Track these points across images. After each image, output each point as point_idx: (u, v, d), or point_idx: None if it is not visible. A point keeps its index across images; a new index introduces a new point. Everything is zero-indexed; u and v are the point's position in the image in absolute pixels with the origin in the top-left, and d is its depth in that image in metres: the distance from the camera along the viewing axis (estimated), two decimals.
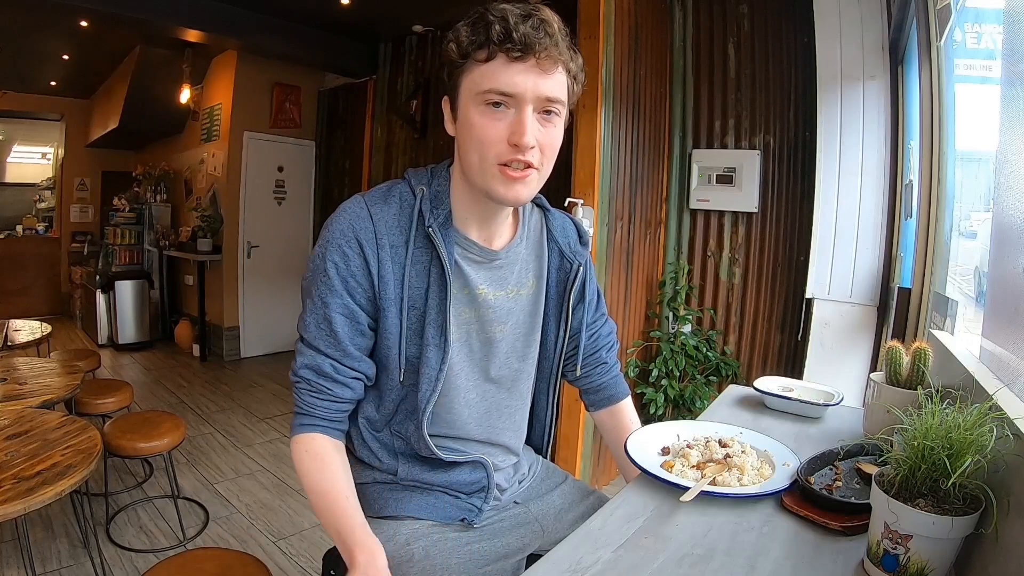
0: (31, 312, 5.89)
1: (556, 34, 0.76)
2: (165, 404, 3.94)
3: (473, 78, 0.77)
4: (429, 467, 0.91)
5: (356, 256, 0.83)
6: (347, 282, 0.83)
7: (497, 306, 0.91)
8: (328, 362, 0.84)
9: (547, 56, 0.75)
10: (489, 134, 0.77)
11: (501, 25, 0.74)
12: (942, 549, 0.59)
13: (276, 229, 5.26)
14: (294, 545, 2.34)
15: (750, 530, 0.74)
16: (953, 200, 1.67)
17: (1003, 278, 0.95)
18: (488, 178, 0.79)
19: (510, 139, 0.76)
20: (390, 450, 0.92)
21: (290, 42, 4.31)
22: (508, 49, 0.74)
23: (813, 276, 2.60)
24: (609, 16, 2.54)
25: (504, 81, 0.75)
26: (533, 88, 0.76)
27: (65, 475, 1.50)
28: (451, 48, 0.79)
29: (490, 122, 0.77)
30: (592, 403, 1.14)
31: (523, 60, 0.75)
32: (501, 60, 0.75)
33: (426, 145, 4.27)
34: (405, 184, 0.89)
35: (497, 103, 0.76)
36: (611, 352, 1.12)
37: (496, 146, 0.77)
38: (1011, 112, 1.01)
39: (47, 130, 7.07)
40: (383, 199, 0.86)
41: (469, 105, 0.78)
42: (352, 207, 0.85)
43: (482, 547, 0.91)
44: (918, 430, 0.61)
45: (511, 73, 0.75)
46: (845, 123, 2.47)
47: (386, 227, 0.84)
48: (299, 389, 0.86)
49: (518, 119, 0.76)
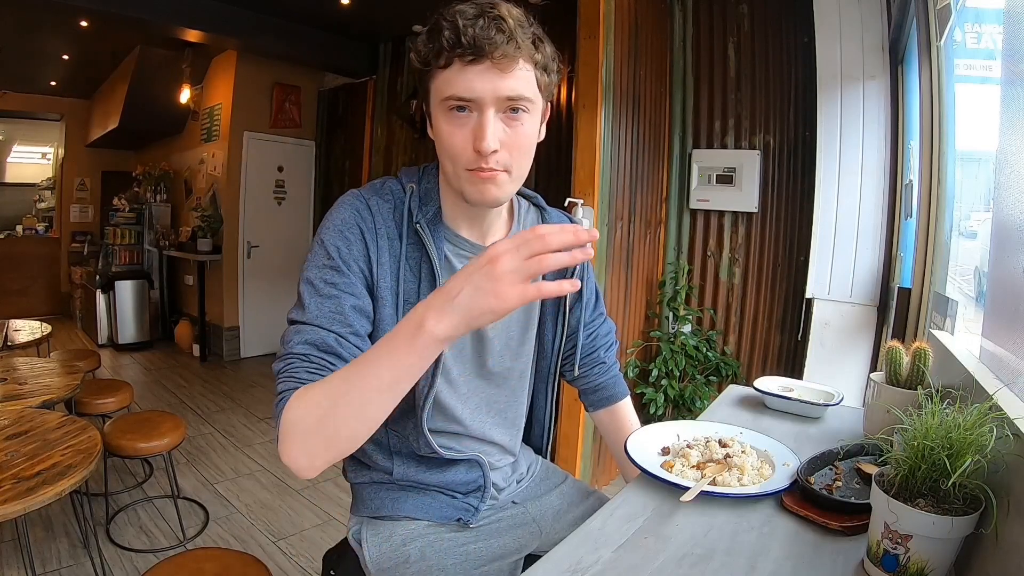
0: (31, 312, 5.90)
1: (512, 29, 0.73)
2: (165, 404, 3.94)
3: (437, 85, 0.76)
4: (425, 467, 0.91)
5: (358, 242, 0.81)
6: (350, 266, 0.80)
7: None
8: (332, 336, 0.76)
9: (503, 55, 0.72)
10: (455, 142, 0.76)
11: (450, 30, 0.72)
12: (942, 549, 0.59)
13: (276, 229, 5.26)
14: (294, 545, 2.34)
15: (750, 530, 0.74)
16: (953, 200, 1.67)
17: (1003, 278, 0.95)
18: (462, 182, 0.79)
19: (473, 145, 0.75)
20: (385, 449, 0.91)
21: (290, 42, 4.31)
22: (460, 54, 0.72)
23: (813, 276, 2.60)
24: (609, 16, 2.54)
25: (461, 87, 0.73)
26: (492, 90, 0.74)
27: (65, 475, 1.50)
28: (412, 58, 0.79)
29: (455, 129, 0.76)
30: (591, 403, 1.14)
31: (478, 62, 0.73)
32: (457, 65, 0.73)
33: (426, 145, 4.27)
34: (397, 181, 0.88)
35: (460, 107, 0.75)
36: (610, 352, 1.12)
37: (463, 153, 0.76)
38: (1011, 112, 1.01)
39: (47, 130, 7.07)
40: (378, 193, 0.86)
41: (437, 112, 0.78)
42: (351, 199, 0.84)
43: (479, 547, 0.91)
44: (918, 430, 0.61)
45: (467, 77, 0.73)
46: (845, 123, 2.47)
47: (383, 219, 0.84)
48: (291, 367, 0.73)
49: (479, 123, 0.75)
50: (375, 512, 0.92)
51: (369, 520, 0.93)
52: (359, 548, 0.92)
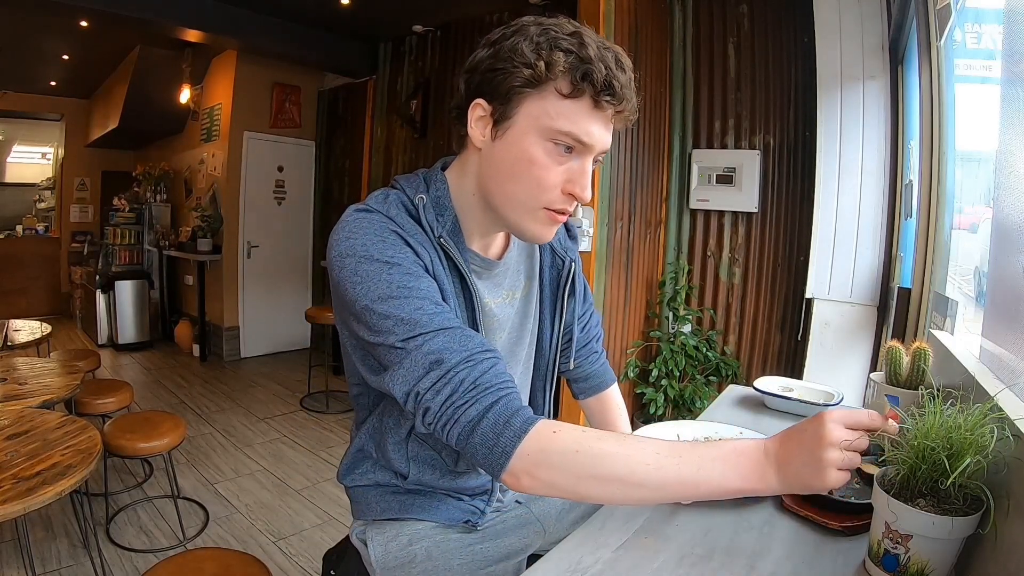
0: (31, 312, 5.90)
1: (635, 92, 0.72)
2: (165, 404, 3.94)
3: (546, 108, 0.70)
4: (440, 473, 0.90)
5: (404, 247, 0.72)
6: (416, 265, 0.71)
7: (497, 314, 0.88)
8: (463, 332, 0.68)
9: (631, 112, 0.72)
10: (549, 176, 0.71)
11: (607, 71, 0.68)
12: (942, 549, 0.59)
13: (276, 229, 5.26)
14: (294, 545, 2.34)
15: (750, 530, 0.74)
16: (953, 200, 1.67)
17: (1003, 278, 0.95)
18: (526, 217, 0.74)
19: (566, 187, 0.72)
20: (404, 456, 0.88)
21: (290, 42, 4.31)
22: (603, 98, 0.69)
23: (813, 276, 2.60)
24: (609, 16, 2.55)
25: (584, 129, 0.70)
26: (602, 140, 0.72)
27: (65, 475, 1.50)
28: (538, 66, 0.68)
29: (555, 165, 0.71)
30: (581, 391, 1.16)
31: (606, 109, 0.70)
32: (586, 104, 0.69)
33: (426, 145, 4.27)
34: (400, 192, 0.79)
35: (569, 147, 0.71)
36: (599, 342, 1.14)
37: (552, 191, 0.72)
38: (1011, 112, 1.01)
39: (47, 130, 7.07)
40: (390, 204, 0.76)
41: (531, 135, 0.71)
42: (363, 215, 0.74)
43: (484, 547, 0.91)
44: (918, 430, 0.61)
45: (592, 122, 0.70)
46: (845, 123, 2.47)
47: (410, 227, 0.75)
48: (480, 371, 0.66)
49: (581, 170, 0.72)
50: (380, 514, 0.91)
51: (374, 522, 0.92)
52: (363, 548, 0.91)
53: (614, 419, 1.14)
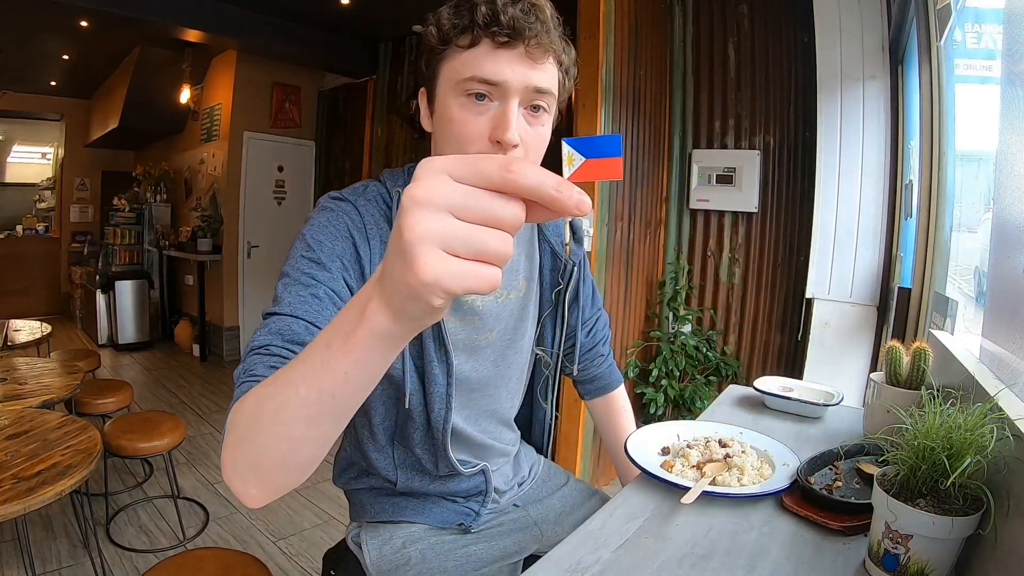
0: (31, 312, 5.89)
1: (548, 21, 0.69)
2: (165, 404, 3.94)
3: (454, 66, 0.70)
4: (430, 478, 0.89)
5: (344, 240, 0.74)
6: (333, 261, 0.72)
7: (485, 312, 0.86)
8: (302, 323, 0.64)
9: (537, 44, 0.68)
10: (469, 129, 0.69)
11: (488, 7, 0.67)
12: (942, 549, 0.59)
13: (276, 229, 5.26)
14: (294, 545, 2.34)
15: (750, 530, 0.74)
16: (953, 200, 1.67)
17: (1003, 278, 0.95)
18: None
19: (492, 135, 0.68)
20: (391, 461, 0.88)
21: (290, 42, 4.31)
22: (494, 33, 0.67)
23: (813, 276, 2.60)
24: (609, 16, 2.55)
25: (489, 69, 0.67)
26: (521, 78, 0.68)
27: (65, 475, 1.50)
28: (431, 32, 0.71)
29: (471, 116, 0.69)
30: (587, 392, 1.15)
31: (511, 47, 0.67)
32: (486, 46, 0.68)
33: (426, 145, 4.25)
34: (380, 185, 0.81)
35: (480, 94, 0.69)
36: (607, 344, 1.13)
37: (476, 143, 0.69)
38: (1011, 112, 1.01)
39: (47, 130, 7.07)
40: (363, 196, 0.79)
41: (448, 96, 0.71)
42: (333, 202, 0.77)
43: (479, 549, 0.91)
44: (918, 430, 0.61)
45: (497, 60, 0.68)
46: (845, 123, 2.47)
47: (373, 221, 0.77)
48: (251, 363, 0.61)
49: (502, 112, 0.68)
50: (375, 517, 0.91)
51: (369, 524, 0.92)
52: (359, 551, 0.91)
53: (619, 421, 1.13)
